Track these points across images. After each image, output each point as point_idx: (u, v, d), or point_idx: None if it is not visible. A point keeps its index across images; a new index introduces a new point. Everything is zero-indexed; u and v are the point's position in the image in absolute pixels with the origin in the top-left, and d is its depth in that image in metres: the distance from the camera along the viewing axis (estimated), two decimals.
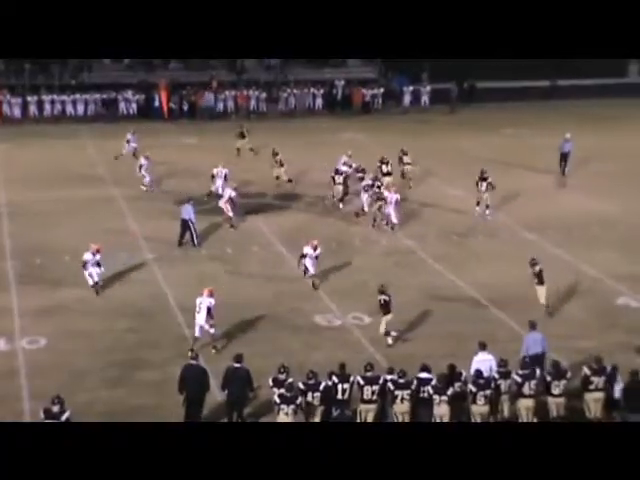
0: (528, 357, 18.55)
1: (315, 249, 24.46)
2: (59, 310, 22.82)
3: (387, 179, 32.19)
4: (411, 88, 52.99)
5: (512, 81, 52.53)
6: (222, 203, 29.91)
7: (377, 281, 24.87)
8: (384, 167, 32.90)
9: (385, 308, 21.28)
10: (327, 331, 22.17)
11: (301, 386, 16.84)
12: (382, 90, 52.99)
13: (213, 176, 32.50)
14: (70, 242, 27.60)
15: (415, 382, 17.07)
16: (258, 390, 17.91)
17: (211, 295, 20.70)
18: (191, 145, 41.53)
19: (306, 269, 24.47)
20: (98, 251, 23.91)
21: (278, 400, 16.52)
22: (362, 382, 17.01)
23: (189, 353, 17.75)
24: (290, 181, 34.41)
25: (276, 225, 29.90)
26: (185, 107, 49.82)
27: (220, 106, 50.71)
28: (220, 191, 31.71)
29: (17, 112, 48.49)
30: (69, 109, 49.21)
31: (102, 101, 49.62)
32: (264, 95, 51.24)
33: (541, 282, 22.67)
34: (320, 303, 23.69)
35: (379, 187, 30.43)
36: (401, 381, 17.00)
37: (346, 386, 17.02)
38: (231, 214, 29.75)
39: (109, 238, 27.98)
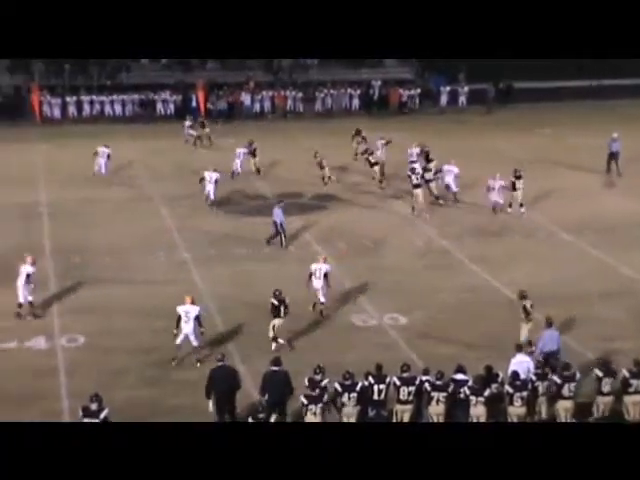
0: (543, 354, 18.57)
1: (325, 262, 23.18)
2: (98, 309, 23.02)
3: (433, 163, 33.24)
4: (448, 88, 52.85)
5: (548, 81, 52.19)
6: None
7: (413, 282, 24.95)
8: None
9: (275, 312, 20.80)
10: (363, 331, 22.17)
11: (338, 387, 16.85)
12: (419, 91, 52.87)
13: (202, 179, 32.27)
14: (109, 241, 27.91)
15: (451, 384, 17.03)
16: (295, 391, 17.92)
17: (193, 303, 20.22)
18: (229, 145, 41.66)
19: (317, 295, 22.77)
20: (34, 263, 22.87)
21: (305, 401, 16.54)
22: (398, 383, 17.00)
23: (218, 356, 17.80)
24: (330, 178, 34.42)
25: (313, 225, 29.94)
26: (222, 107, 50.04)
27: (257, 106, 50.88)
28: (212, 196, 31.85)
29: (57, 112, 49.03)
30: (107, 109, 49.66)
31: (140, 101, 49.99)
32: (301, 95, 51.35)
33: (528, 319, 20.51)
34: (356, 303, 23.69)
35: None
36: (438, 383, 16.96)
37: (382, 387, 17.00)
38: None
39: (147, 238, 28.27)
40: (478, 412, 16.73)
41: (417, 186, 31.24)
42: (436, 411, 16.87)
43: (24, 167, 37.51)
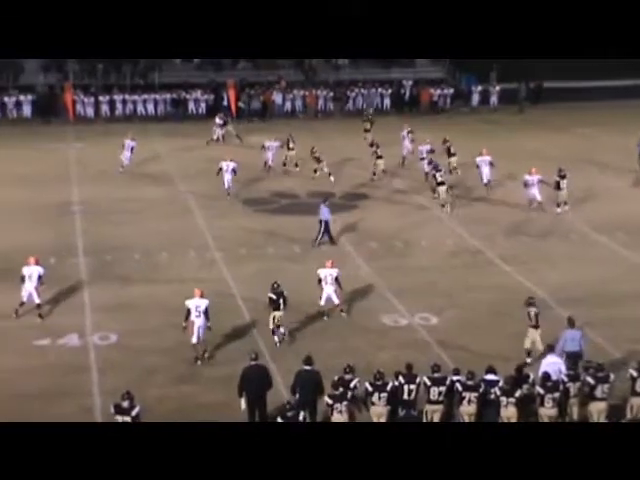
0: (565, 354, 18.50)
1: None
2: (130, 307, 23.16)
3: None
4: (479, 88, 52.68)
5: (580, 81, 51.86)
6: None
7: (444, 282, 24.89)
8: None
9: (273, 305, 21.00)
10: (394, 331, 22.15)
11: (368, 387, 16.86)
12: (451, 90, 52.72)
13: (220, 169, 32.92)
14: (140, 240, 28.09)
15: (482, 384, 16.98)
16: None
17: (202, 296, 20.35)
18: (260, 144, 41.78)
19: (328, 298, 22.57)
20: (37, 262, 22.83)
21: (330, 400, 16.55)
22: (429, 383, 16.97)
23: (251, 355, 17.83)
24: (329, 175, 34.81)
25: (343, 224, 29.96)
26: (254, 106, 50.20)
27: (288, 105, 50.97)
28: (227, 185, 32.64)
29: (90, 111, 49.35)
30: (140, 108, 49.92)
31: (172, 101, 50.23)
32: (332, 95, 51.39)
33: (536, 326, 20.27)
34: (387, 303, 23.68)
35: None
36: (469, 383, 16.92)
37: (413, 387, 16.98)
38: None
39: (178, 236, 28.40)
40: (509, 413, 16.66)
41: (441, 183, 31.56)
42: (467, 411, 16.82)
43: (57, 166, 37.83)
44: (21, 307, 22.56)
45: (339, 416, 16.43)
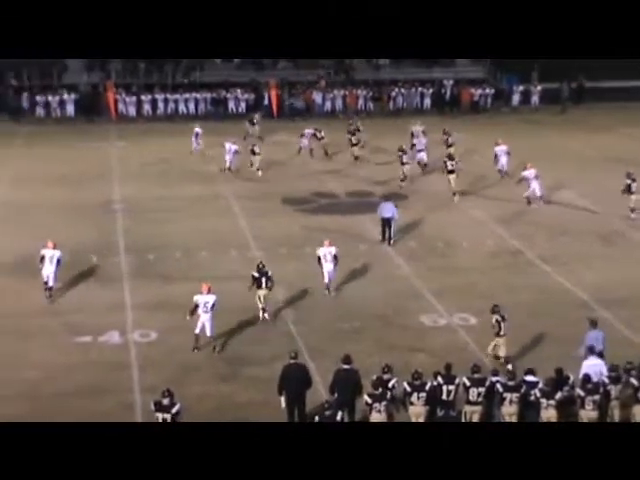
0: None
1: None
2: (170, 305, 23.29)
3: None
4: (520, 88, 52.36)
5: (623, 80, 51.35)
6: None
7: (484, 282, 24.80)
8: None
9: (256, 283, 22.11)
10: (432, 331, 22.10)
11: (407, 387, 16.84)
12: (493, 91, 52.44)
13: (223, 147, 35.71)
14: (181, 239, 28.26)
15: (523, 385, 16.90)
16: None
17: (210, 292, 20.82)
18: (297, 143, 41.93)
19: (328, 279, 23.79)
20: (55, 246, 23.74)
21: (369, 400, 16.54)
22: (468, 383, 16.91)
23: (291, 354, 17.86)
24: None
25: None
26: (295, 106, 50.29)
27: (328, 105, 51.01)
28: (227, 164, 35.84)
29: (132, 110, 49.74)
30: (181, 107, 50.24)
31: (212, 100, 50.49)
32: (372, 94, 51.35)
33: (498, 334, 20.07)
34: (426, 303, 23.63)
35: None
36: (510, 383, 16.83)
37: (451, 387, 16.94)
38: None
39: (218, 235, 28.54)
40: (549, 415, 16.57)
41: (451, 172, 32.45)
42: (509, 412, 16.73)
43: (99, 164, 38.18)
44: (49, 291, 23.50)
45: (378, 415, 16.43)
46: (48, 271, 23.46)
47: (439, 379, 17.02)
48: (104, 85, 50.46)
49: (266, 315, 22.26)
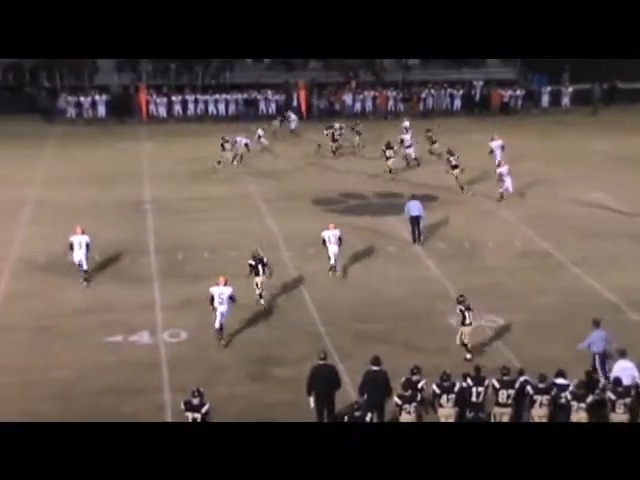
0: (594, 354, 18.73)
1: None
2: (199, 305, 23.33)
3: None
4: (549, 88, 52.12)
5: None
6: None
7: (512, 283, 24.70)
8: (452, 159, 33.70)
9: (253, 271, 22.91)
10: None
11: (436, 389, 16.81)
12: (523, 92, 52.20)
13: (233, 143, 37.18)
14: (210, 239, 28.37)
15: (554, 388, 16.82)
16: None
17: (226, 284, 21.23)
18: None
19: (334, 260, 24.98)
20: (83, 232, 24.83)
21: (399, 401, 16.53)
22: (497, 385, 16.86)
23: (320, 354, 17.85)
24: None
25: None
26: (324, 106, 50.36)
27: (358, 106, 51.01)
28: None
29: (162, 111, 50.02)
30: (211, 108, 50.43)
31: (243, 101, 50.64)
32: (402, 95, 51.31)
33: (464, 323, 20.34)
34: (454, 304, 23.49)
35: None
36: (541, 386, 16.76)
37: (481, 389, 16.90)
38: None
39: (247, 235, 28.58)
40: (579, 418, 16.47)
41: (455, 167, 33.16)
42: (539, 414, 16.66)
43: (130, 164, 38.43)
44: (85, 273, 24.76)
45: (408, 417, 16.41)
46: (79, 256, 24.55)
47: (468, 381, 16.98)
48: (135, 86, 50.80)
49: (262, 301, 22.93)
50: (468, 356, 19.93)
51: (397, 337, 21.55)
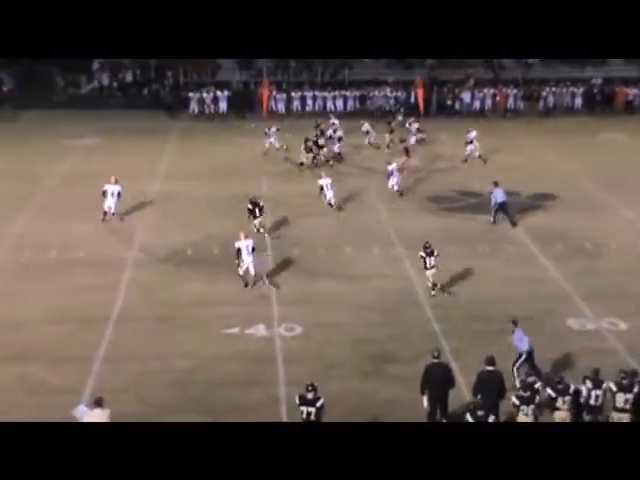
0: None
1: None
2: (314, 300, 23.65)
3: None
4: None
5: None
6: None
7: (634, 286, 24.13)
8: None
9: (251, 214, 27.83)
10: (580, 335, 21.66)
11: (551, 392, 16.60)
12: None
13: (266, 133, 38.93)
14: (325, 234, 28.57)
15: None
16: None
17: (247, 237, 24.25)
18: (444, 141, 41.78)
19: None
20: (116, 182, 29.22)
21: (517, 402, 16.40)
22: (615, 389, 16.56)
23: (434, 353, 17.80)
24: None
25: (529, 224, 29.54)
26: (445, 104, 50.16)
27: (477, 104, 50.55)
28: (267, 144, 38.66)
29: (282, 107, 50.60)
30: (329, 105, 50.74)
31: (360, 98, 50.83)
32: (522, 93, 50.62)
33: (425, 267, 23.63)
34: (573, 306, 23.18)
35: None
36: None
37: (599, 392, 16.62)
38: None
39: (362, 232, 28.72)
40: None
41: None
42: None
43: (248, 159, 38.90)
44: (105, 216, 29.36)
45: (525, 418, 16.28)
46: (109, 203, 29.22)
47: (587, 383, 16.73)
48: (255, 82, 51.62)
49: (266, 235, 27.61)
50: (432, 293, 23.54)
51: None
